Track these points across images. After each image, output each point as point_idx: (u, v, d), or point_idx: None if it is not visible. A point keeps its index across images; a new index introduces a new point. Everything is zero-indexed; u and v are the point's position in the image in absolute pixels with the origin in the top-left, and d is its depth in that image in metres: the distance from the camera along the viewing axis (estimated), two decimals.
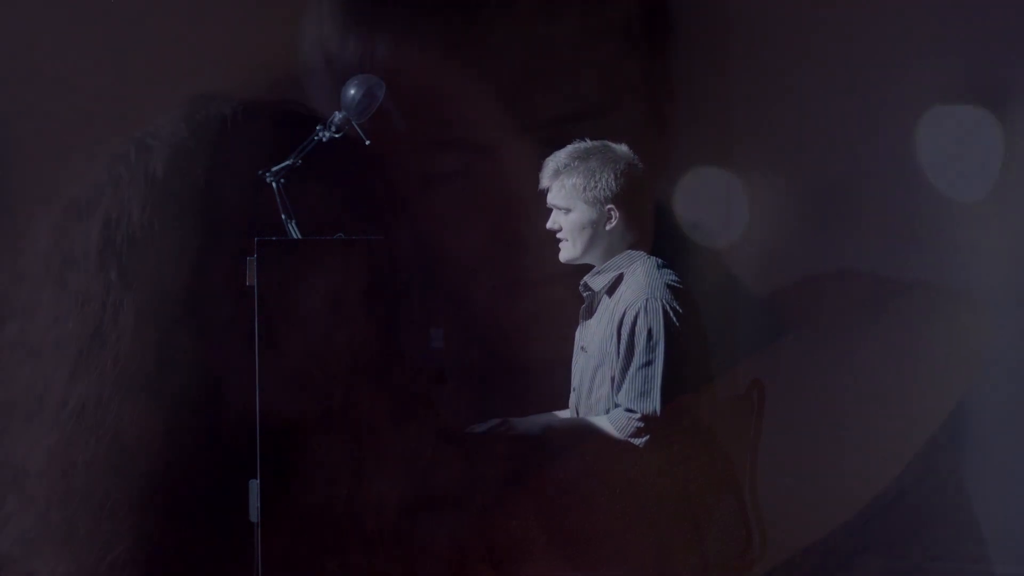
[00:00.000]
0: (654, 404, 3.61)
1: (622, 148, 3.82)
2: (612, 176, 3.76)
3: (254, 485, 3.65)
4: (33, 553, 4.47)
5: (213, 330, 4.53)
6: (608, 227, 3.78)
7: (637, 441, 3.62)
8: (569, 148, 3.83)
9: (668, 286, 3.70)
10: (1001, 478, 5.05)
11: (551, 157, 3.84)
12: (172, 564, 4.64)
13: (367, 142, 3.86)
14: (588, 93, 5.25)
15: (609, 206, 3.76)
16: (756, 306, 5.55)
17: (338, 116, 3.84)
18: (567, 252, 3.83)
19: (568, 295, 4.00)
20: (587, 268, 3.88)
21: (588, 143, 3.83)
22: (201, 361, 4.66)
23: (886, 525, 5.21)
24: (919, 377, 5.19)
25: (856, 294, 5.33)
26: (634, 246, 3.80)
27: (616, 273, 3.79)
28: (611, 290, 3.78)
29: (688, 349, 3.66)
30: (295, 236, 3.81)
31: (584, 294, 3.87)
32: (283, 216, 3.83)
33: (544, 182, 3.84)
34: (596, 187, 3.76)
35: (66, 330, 4.52)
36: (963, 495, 5.11)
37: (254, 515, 3.66)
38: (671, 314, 3.65)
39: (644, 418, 3.61)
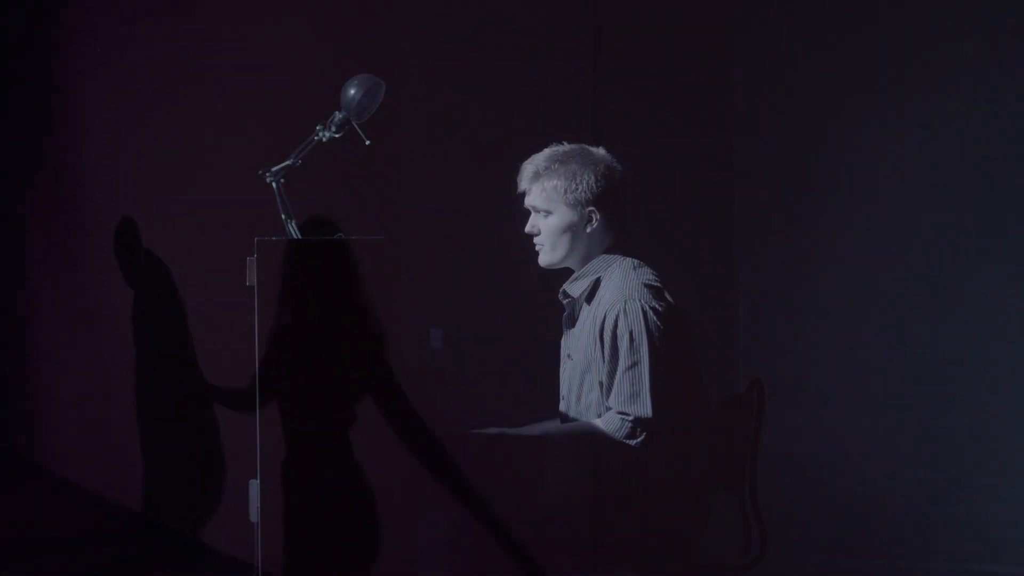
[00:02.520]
0: (646, 405, 3.61)
1: (600, 151, 3.82)
2: (593, 178, 3.75)
3: (254, 485, 3.65)
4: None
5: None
6: (588, 229, 3.77)
7: (633, 442, 3.62)
8: (547, 151, 3.83)
9: (646, 286, 3.69)
10: (1004, 478, 5.05)
11: (529, 160, 3.84)
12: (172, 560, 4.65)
13: (367, 142, 3.86)
14: None
15: (590, 208, 3.76)
16: (756, 306, 5.55)
17: (338, 116, 3.85)
18: (546, 256, 3.83)
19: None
20: (566, 273, 3.87)
21: (566, 146, 3.82)
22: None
23: (887, 525, 5.21)
24: (920, 376, 5.19)
25: (857, 293, 5.33)
26: (610, 249, 3.79)
27: (593, 278, 3.78)
28: (590, 296, 3.78)
29: (672, 346, 3.66)
30: (295, 236, 3.81)
31: (564, 301, 3.86)
32: (283, 216, 3.83)
33: (523, 185, 3.84)
34: (577, 189, 3.75)
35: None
36: (966, 494, 5.11)
37: (254, 515, 3.66)
38: (650, 313, 3.64)
39: (637, 420, 3.61)
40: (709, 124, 5.61)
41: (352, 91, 3.83)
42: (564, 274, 3.88)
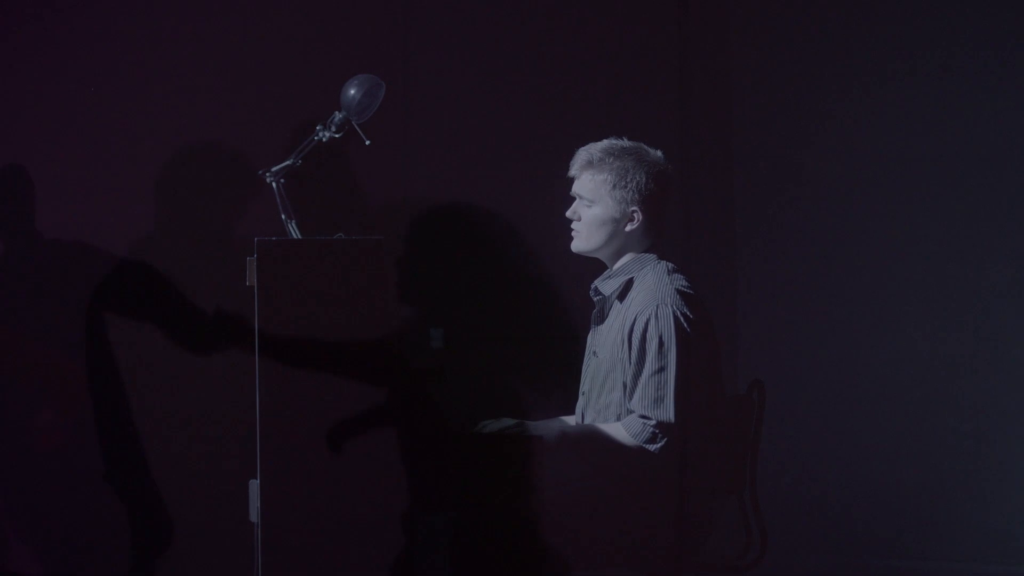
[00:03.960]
0: (669, 411, 3.60)
1: (657, 153, 3.80)
2: (644, 179, 3.74)
3: (254, 485, 3.65)
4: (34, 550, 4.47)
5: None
6: (628, 228, 3.76)
7: (652, 447, 3.62)
8: (605, 143, 3.81)
9: (679, 292, 3.68)
10: (1004, 478, 5.05)
11: (584, 148, 3.81)
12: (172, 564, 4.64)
13: (367, 142, 3.86)
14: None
15: (633, 208, 3.74)
16: (756, 306, 5.55)
17: (338, 116, 3.84)
18: (579, 243, 3.82)
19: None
20: (595, 264, 3.87)
21: (625, 142, 3.80)
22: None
23: (887, 525, 5.21)
24: (920, 376, 5.19)
25: (857, 294, 5.33)
26: (647, 251, 3.78)
27: (626, 278, 3.77)
28: (622, 295, 3.77)
29: (700, 354, 3.66)
30: (295, 236, 3.80)
31: (595, 298, 3.86)
32: (283, 216, 3.83)
33: (573, 170, 3.82)
34: (626, 187, 3.74)
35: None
36: (966, 494, 5.11)
37: (254, 515, 3.66)
38: (682, 320, 3.64)
39: (659, 424, 3.61)
40: (709, 124, 5.61)
41: (352, 91, 3.83)
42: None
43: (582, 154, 3.80)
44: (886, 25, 5.24)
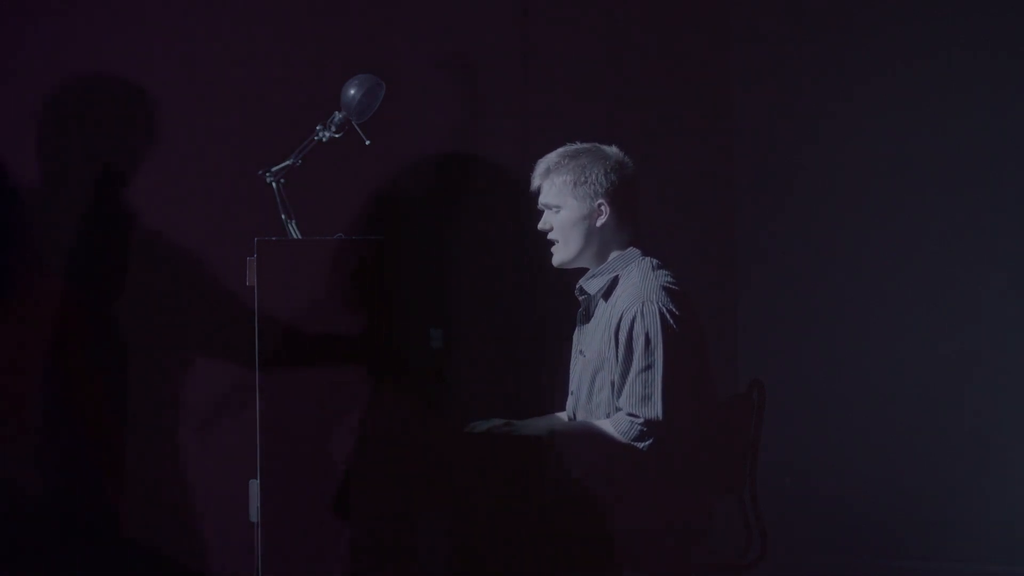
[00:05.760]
0: (656, 408, 3.61)
1: (612, 148, 3.83)
2: (602, 171, 3.76)
3: (254, 485, 3.65)
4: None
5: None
6: (599, 223, 3.77)
7: (640, 445, 3.62)
8: (560, 149, 3.85)
9: (664, 288, 3.69)
10: (1004, 478, 5.06)
11: (542, 159, 3.86)
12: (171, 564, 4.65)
13: (367, 142, 3.86)
14: None
15: (599, 201, 3.76)
16: (756, 306, 5.55)
17: (338, 116, 3.85)
18: (559, 254, 3.82)
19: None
20: (582, 272, 3.87)
21: (578, 144, 3.84)
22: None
23: (888, 525, 5.21)
24: (920, 376, 5.19)
25: (857, 294, 5.33)
26: (627, 246, 3.79)
27: (611, 276, 3.77)
28: (607, 293, 3.77)
29: (687, 352, 3.66)
30: (295, 236, 3.80)
31: (580, 298, 3.86)
32: (283, 216, 3.83)
33: (535, 182, 3.85)
34: (586, 182, 3.76)
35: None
36: (966, 494, 5.12)
37: (254, 515, 3.66)
38: (668, 317, 3.64)
39: (647, 422, 3.61)
40: (710, 124, 5.61)
41: (352, 91, 3.83)
42: (574, 273, 3.89)
43: (540, 164, 3.84)
44: (886, 25, 5.24)
